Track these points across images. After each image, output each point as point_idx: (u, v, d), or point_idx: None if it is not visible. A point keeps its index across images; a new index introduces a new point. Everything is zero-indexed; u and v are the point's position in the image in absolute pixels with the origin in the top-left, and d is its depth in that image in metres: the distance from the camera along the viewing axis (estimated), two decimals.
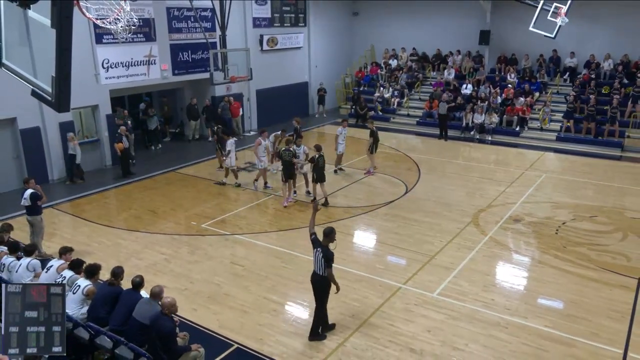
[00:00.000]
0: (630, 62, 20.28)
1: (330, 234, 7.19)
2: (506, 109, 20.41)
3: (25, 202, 9.84)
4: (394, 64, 25.05)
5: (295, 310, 8.44)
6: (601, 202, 13.22)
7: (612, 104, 18.74)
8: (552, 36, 15.13)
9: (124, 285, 7.02)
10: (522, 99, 20.44)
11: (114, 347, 5.99)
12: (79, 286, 6.87)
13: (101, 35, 15.39)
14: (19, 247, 8.18)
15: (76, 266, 7.30)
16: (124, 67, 16.38)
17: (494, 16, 22.30)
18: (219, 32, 18.19)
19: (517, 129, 20.00)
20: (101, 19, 6.71)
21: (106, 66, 15.87)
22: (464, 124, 20.36)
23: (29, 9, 4.23)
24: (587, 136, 18.77)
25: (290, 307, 8.51)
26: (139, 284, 6.79)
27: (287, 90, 23.06)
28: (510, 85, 21.38)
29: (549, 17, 14.53)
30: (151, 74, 17.28)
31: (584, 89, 20.05)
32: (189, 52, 18.51)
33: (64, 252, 7.76)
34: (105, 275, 7.48)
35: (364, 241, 11.33)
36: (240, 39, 20.08)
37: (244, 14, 20.29)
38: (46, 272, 7.44)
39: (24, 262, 7.58)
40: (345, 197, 13.65)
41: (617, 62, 20.42)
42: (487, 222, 11.84)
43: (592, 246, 10.59)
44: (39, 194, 9.92)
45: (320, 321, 7.51)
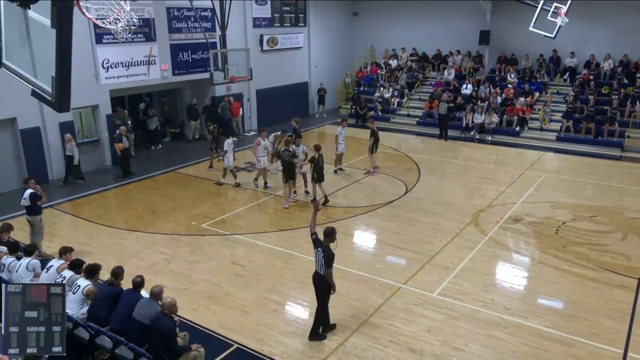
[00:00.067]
0: (630, 62, 20.28)
1: (331, 234, 7.20)
2: (506, 109, 20.41)
3: (25, 202, 9.85)
4: (394, 64, 25.04)
5: (295, 310, 8.44)
6: (601, 202, 13.23)
7: (611, 104, 18.75)
8: (552, 36, 15.12)
9: (124, 285, 7.03)
10: (522, 99, 20.44)
11: (114, 347, 5.99)
12: (79, 286, 6.87)
13: (101, 35, 15.39)
14: (19, 247, 8.18)
15: (76, 266, 7.31)
16: (124, 67, 16.37)
17: (494, 16, 22.29)
18: (219, 32, 18.18)
19: (517, 129, 20.00)
20: (101, 19, 6.70)
21: (106, 66, 15.87)
22: (464, 124, 20.36)
23: (29, 9, 4.23)
24: (587, 136, 18.77)
25: (290, 307, 8.52)
26: (139, 284, 6.80)
27: (287, 90, 23.05)
28: (510, 85, 21.38)
29: (549, 17, 14.52)
30: (151, 74, 17.27)
31: (584, 89, 20.05)
32: (189, 52, 18.50)
33: (64, 252, 7.76)
34: (105, 275, 7.48)
35: (364, 241, 11.34)
36: (240, 39, 20.08)
37: (244, 14, 20.29)
38: (46, 272, 7.45)
39: (24, 262, 7.58)
40: (345, 197, 13.65)
41: (617, 63, 20.42)
42: (487, 222, 11.84)
43: (592, 246, 10.60)
44: (39, 194, 9.92)
45: (321, 321, 7.51)
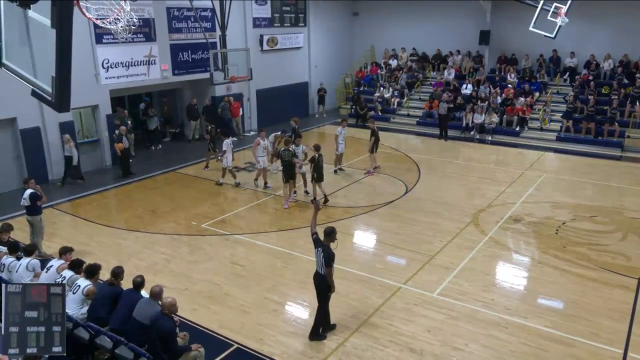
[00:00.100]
0: (630, 62, 20.28)
1: (331, 234, 7.20)
2: (506, 109, 20.41)
3: (24, 202, 9.84)
4: (394, 64, 25.04)
5: (295, 310, 8.44)
6: (601, 202, 13.22)
7: (611, 104, 18.75)
8: (552, 36, 15.12)
9: (124, 285, 7.03)
10: (522, 99, 20.43)
11: (114, 347, 5.99)
12: (79, 286, 6.88)
13: (101, 35, 15.39)
14: (19, 247, 8.18)
15: (76, 266, 7.31)
16: (124, 67, 16.37)
17: (494, 16, 22.29)
18: (219, 32, 18.18)
19: (517, 129, 20.00)
20: (101, 19, 6.70)
21: (106, 66, 15.87)
22: (464, 124, 20.36)
23: (29, 9, 4.23)
24: (587, 136, 18.77)
25: (290, 307, 8.52)
26: (140, 284, 6.80)
27: (287, 90, 23.05)
28: (510, 85, 21.38)
29: (549, 17, 14.51)
30: (151, 74, 17.27)
31: (584, 89, 20.05)
32: (189, 52, 18.50)
33: (64, 252, 7.76)
34: (105, 275, 7.49)
35: (364, 241, 11.34)
36: (240, 39, 20.08)
37: (244, 14, 20.29)
38: (46, 272, 7.45)
39: (24, 262, 7.58)
40: (345, 197, 13.65)
41: (617, 63, 20.42)
42: (487, 222, 11.84)
43: (591, 246, 10.60)
44: (39, 194, 9.92)
45: (322, 321, 7.51)
